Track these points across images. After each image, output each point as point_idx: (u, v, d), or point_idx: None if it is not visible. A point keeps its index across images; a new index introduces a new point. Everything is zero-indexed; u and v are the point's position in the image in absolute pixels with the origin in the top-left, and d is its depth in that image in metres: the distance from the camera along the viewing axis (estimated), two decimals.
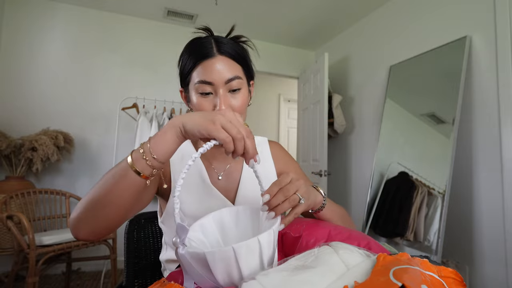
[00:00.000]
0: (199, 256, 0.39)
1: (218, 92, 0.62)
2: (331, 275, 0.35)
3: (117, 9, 2.67)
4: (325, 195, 0.64)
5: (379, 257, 0.37)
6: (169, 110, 2.64)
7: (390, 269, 0.32)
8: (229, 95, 0.64)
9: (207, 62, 0.63)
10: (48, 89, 2.48)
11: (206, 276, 0.40)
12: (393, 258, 0.36)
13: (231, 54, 0.65)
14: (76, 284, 2.21)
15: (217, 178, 0.73)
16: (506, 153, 1.57)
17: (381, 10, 2.51)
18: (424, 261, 0.36)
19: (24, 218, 1.68)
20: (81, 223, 0.51)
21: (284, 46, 3.37)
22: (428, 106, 1.94)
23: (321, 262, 0.38)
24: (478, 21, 1.74)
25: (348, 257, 0.38)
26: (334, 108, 2.73)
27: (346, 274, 0.35)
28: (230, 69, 0.63)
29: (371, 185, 2.21)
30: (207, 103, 0.63)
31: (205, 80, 0.62)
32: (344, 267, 0.37)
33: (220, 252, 0.38)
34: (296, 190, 0.51)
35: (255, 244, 0.39)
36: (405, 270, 0.32)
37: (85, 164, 2.55)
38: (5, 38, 2.39)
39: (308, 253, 0.41)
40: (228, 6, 2.56)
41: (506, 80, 1.58)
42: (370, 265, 0.36)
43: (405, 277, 0.30)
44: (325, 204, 0.63)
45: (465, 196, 1.75)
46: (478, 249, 1.68)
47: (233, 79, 0.63)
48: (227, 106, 0.63)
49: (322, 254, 0.40)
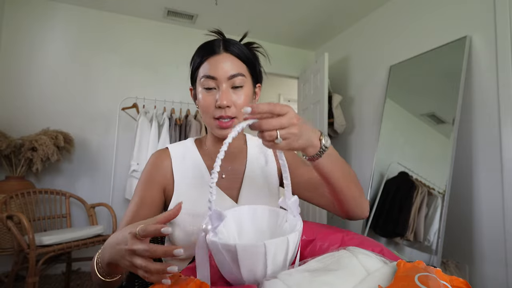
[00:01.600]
0: (229, 247, 0.39)
1: (221, 87, 0.64)
2: (353, 279, 0.36)
3: (117, 9, 2.67)
4: (327, 143, 0.53)
5: (399, 264, 0.38)
6: (169, 110, 2.64)
7: (413, 275, 0.33)
8: (232, 91, 0.65)
9: (213, 58, 0.65)
10: (48, 89, 2.48)
11: (231, 268, 0.41)
12: (412, 265, 0.37)
13: (237, 53, 0.67)
14: (76, 284, 2.21)
15: (221, 176, 0.73)
16: (506, 153, 1.57)
17: (381, 10, 2.51)
18: (438, 270, 0.37)
19: (24, 218, 1.68)
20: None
21: (284, 46, 3.37)
22: (428, 106, 1.94)
23: (341, 265, 0.39)
24: (478, 21, 1.74)
25: (367, 262, 0.40)
26: (334, 108, 2.73)
27: (366, 278, 0.36)
28: (234, 66, 0.65)
29: (371, 185, 2.21)
30: (210, 98, 0.65)
31: (209, 74, 0.64)
32: (364, 271, 0.38)
33: (251, 247, 0.39)
34: (280, 127, 0.44)
35: (283, 243, 0.40)
36: (427, 277, 0.33)
37: (85, 164, 2.55)
38: (5, 38, 2.39)
39: (327, 256, 0.42)
40: (228, 6, 2.56)
41: (506, 80, 1.58)
42: (390, 271, 0.38)
43: (430, 283, 0.31)
44: (323, 153, 0.52)
45: (465, 196, 1.75)
46: (478, 249, 1.68)
47: (236, 75, 0.65)
48: (228, 101, 0.63)
49: (342, 257, 0.41)
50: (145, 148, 2.41)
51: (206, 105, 0.65)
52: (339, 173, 0.57)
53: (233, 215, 0.54)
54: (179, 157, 0.73)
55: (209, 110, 0.65)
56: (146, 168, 0.71)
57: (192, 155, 0.74)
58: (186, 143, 0.77)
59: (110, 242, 0.46)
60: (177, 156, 0.73)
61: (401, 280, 0.34)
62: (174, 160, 0.72)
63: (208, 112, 0.66)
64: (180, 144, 0.76)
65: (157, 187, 0.69)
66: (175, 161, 0.72)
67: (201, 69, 0.66)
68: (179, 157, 0.73)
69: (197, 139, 0.79)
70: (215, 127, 0.67)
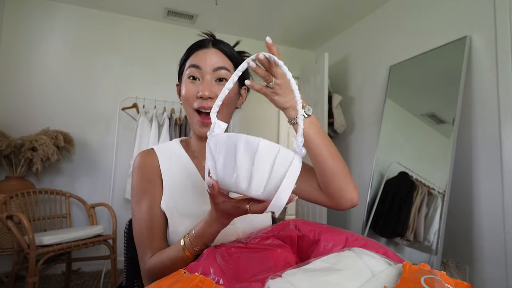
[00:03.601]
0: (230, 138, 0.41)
1: (205, 78, 0.65)
2: (358, 279, 0.37)
3: (117, 9, 2.67)
4: (309, 112, 0.59)
5: (404, 266, 0.38)
6: (169, 110, 2.64)
7: (419, 277, 0.34)
8: (215, 84, 0.66)
9: (201, 51, 0.67)
10: (48, 89, 2.48)
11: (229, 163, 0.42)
12: (418, 267, 0.38)
13: (225, 50, 0.68)
14: (76, 284, 2.21)
15: (208, 175, 0.73)
16: (506, 153, 1.57)
17: (381, 10, 2.51)
18: (443, 273, 0.38)
19: (24, 218, 1.68)
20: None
21: (284, 46, 3.37)
22: (428, 106, 1.94)
23: (346, 266, 0.39)
24: (478, 21, 1.74)
25: (372, 263, 0.40)
26: (334, 108, 2.73)
27: (372, 279, 0.37)
28: (220, 60, 0.67)
29: (371, 185, 2.21)
30: (193, 88, 0.66)
31: (194, 64, 0.66)
32: (369, 272, 0.38)
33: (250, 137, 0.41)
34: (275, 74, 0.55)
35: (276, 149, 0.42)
36: (433, 279, 0.33)
37: (85, 164, 2.55)
38: (5, 38, 2.39)
39: (332, 256, 0.43)
40: (228, 6, 2.56)
41: (506, 80, 1.58)
42: (395, 272, 0.38)
43: (436, 285, 0.32)
44: (305, 116, 0.59)
45: (465, 196, 1.75)
46: (478, 249, 1.68)
47: (222, 68, 0.66)
48: (210, 92, 0.64)
49: (346, 258, 0.41)
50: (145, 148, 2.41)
51: (188, 95, 0.66)
52: (322, 143, 0.60)
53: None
54: (166, 157, 0.71)
55: (190, 100, 0.66)
56: (137, 171, 0.69)
57: (178, 155, 0.73)
58: (171, 144, 0.76)
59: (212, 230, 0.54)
60: (164, 157, 0.71)
61: (408, 281, 0.34)
62: (161, 160, 0.70)
63: (189, 103, 0.66)
64: (165, 145, 0.75)
65: (157, 182, 0.68)
66: (162, 161, 0.70)
67: (187, 62, 0.68)
68: (166, 157, 0.71)
69: (183, 140, 0.78)
70: (195, 123, 0.67)
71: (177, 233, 0.66)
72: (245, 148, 0.40)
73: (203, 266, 0.43)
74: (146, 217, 0.65)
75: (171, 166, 0.70)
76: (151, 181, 0.68)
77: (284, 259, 0.48)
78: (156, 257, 0.61)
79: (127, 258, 0.82)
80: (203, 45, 0.68)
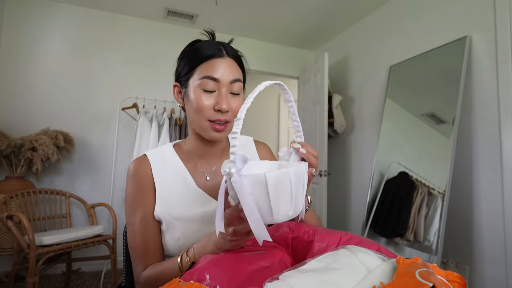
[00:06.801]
0: (259, 178, 0.40)
1: (221, 91, 0.64)
2: (355, 277, 0.37)
3: (117, 9, 2.67)
4: (310, 202, 0.69)
5: (398, 260, 0.39)
6: (169, 110, 2.64)
7: (414, 271, 0.34)
8: (231, 97, 0.66)
9: (217, 60, 0.65)
10: (48, 89, 2.48)
11: (261, 204, 0.41)
12: (411, 261, 0.38)
13: (237, 58, 0.68)
14: (76, 284, 2.21)
15: (205, 179, 0.72)
16: (506, 153, 1.57)
17: (381, 10, 2.51)
18: (434, 265, 0.38)
19: (24, 218, 1.68)
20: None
21: (284, 46, 3.37)
22: (428, 106, 1.94)
23: (342, 264, 0.40)
24: (478, 21, 1.74)
25: (367, 259, 0.40)
26: (334, 108, 2.73)
27: (367, 276, 0.37)
28: (235, 70, 0.66)
29: (371, 185, 2.21)
30: (208, 100, 0.64)
31: (212, 76, 0.64)
32: (364, 269, 0.39)
33: (280, 173, 0.40)
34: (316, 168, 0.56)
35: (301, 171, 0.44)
36: (427, 272, 0.34)
37: (85, 164, 2.55)
38: (5, 38, 2.39)
39: (328, 255, 0.43)
40: (228, 6, 2.56)
41: (506, 80, 1.58)
42: (390, 267, 0.38)
43: (431, 278, 0.32)
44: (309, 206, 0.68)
45: (465, 196, 1.75)
46: (478, 249, 1.68)
47: (237, 81, 0.66)
48: (228, 105, 0.64)
49: (342, 256, 0.42)
50: (145, 148, 2.41)
51: (203, 106, 0.64)
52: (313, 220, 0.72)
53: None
54: (159, 162, 0.71)
55: (205, 112, 0.64)
56: (131, 180, 0.69)
57: (172, 160, 0.73)
58: (164, 148, 0.75)
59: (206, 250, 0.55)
60: (157, 162, 0.71)
61: (403, 276, 0.34)
62: (154, 166, 0.70)
63: (203, 114, 0.64)
64: (158, 150, 0.75)
65: (150, 191, 0.68)
66: (154, 168, 0.70)
67: (199, 69, 0.65)
68: (159, 163, 0.71)
69: (175, 144, 0.78)
70: (208, 129, 0.66)
71: (173, 237, 0.67)
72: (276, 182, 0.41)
73: (197, 272, 0.43)
74: (140, 229, 0.66)
75: (164, 172, 0.71)
76: (144, 190, 0.68)
77: (280, 260, 0.48)
78: (151, 269, 0.63)
79: (127, 258, 0.82)
80: (219, 54, 0.65)
